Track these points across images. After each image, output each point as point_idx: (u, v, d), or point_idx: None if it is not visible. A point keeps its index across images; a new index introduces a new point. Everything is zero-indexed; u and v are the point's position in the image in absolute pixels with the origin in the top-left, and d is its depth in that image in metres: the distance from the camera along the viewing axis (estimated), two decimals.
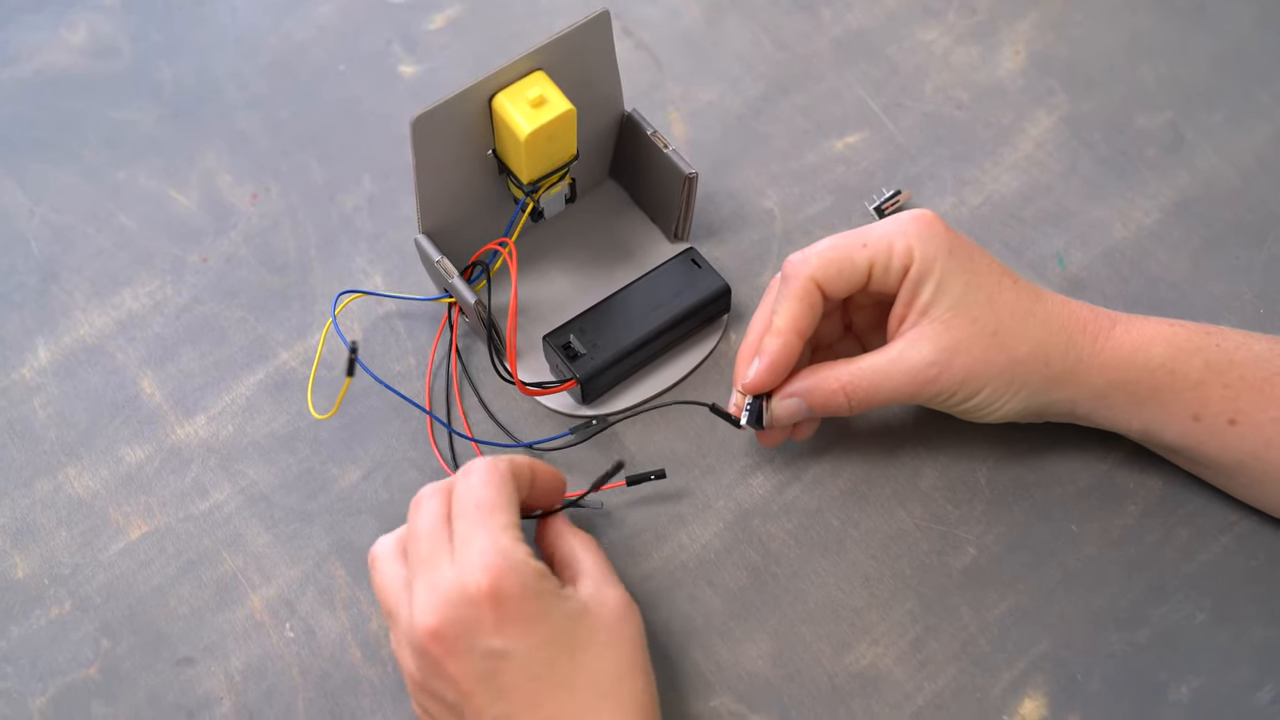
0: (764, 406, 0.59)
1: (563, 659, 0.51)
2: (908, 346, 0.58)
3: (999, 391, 0.58)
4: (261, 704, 0.59)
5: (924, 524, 0.63)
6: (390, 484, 0.64)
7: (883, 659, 0.60)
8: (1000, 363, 0.57)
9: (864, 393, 0.58)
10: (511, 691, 0.50)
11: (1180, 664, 0.59)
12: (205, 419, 0.66)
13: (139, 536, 0.63)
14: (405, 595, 0.52)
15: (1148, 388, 0.58)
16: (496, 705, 0.50)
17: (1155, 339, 0.58)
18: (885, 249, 0.58)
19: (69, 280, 0.70)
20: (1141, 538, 0.62)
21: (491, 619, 0.50)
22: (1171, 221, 0.72)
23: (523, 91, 0.59)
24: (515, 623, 0.50)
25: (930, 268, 0.57)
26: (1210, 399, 0.58)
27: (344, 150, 0.75)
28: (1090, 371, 0.58)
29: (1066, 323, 0.58)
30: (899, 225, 0.58)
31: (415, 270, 0.70)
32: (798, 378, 0.60)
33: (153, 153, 0.75)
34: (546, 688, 0.50)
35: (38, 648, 0.60)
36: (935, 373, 0.57)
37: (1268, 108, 0.75)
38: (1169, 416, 0.58)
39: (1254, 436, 0.57)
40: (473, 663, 0.50)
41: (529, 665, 0.50)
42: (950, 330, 0.57)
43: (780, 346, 0.58)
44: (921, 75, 0.77)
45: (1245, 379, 0.57)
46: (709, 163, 0.74)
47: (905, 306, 0.58)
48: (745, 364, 0.59)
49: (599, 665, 0.52)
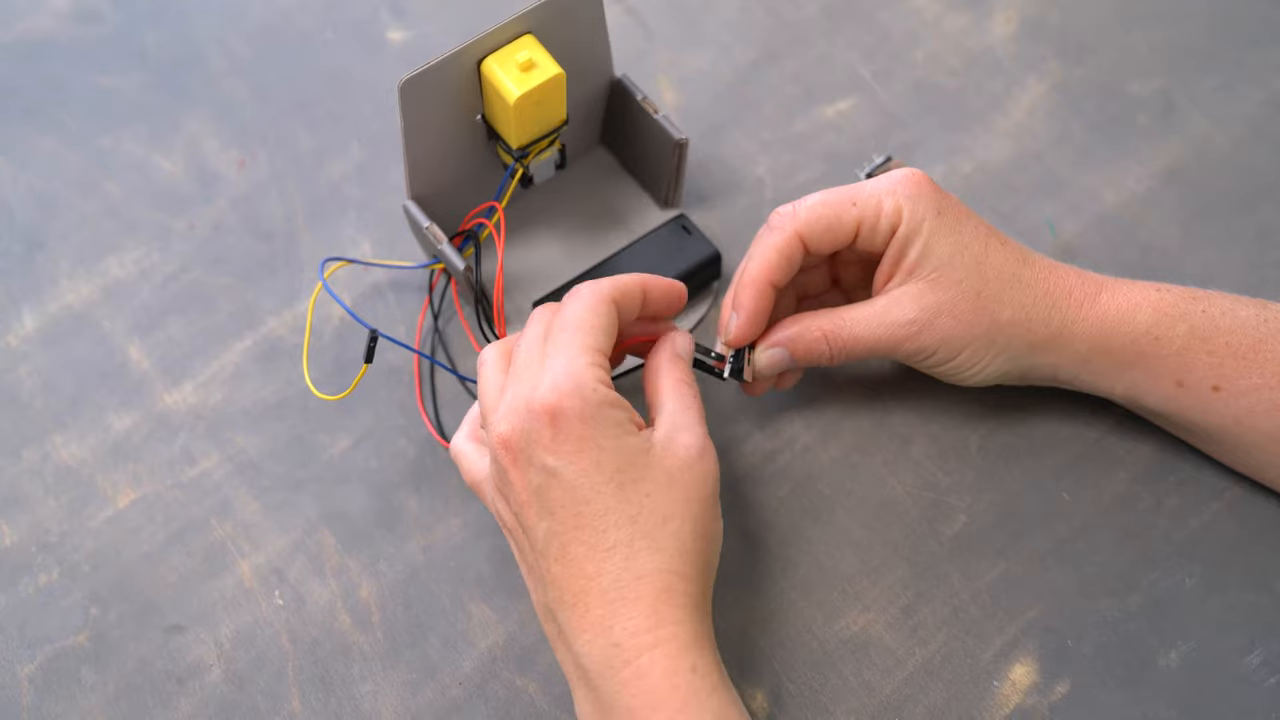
0: (746, 359, 0.59)
1: (608, 488, 0.51)
2: (891, 303, 0.58)
3: (979, 353, 0.58)
4: (251, 671, 0.59)
5: (915, 492, 0.63)
6: (380, 452, 0.64)
7: (873, 625, 0.60)
8: (982, 325, 0.58)
9: (845, 344, 0.59)
10: (558, 510, 0.52)
11: (1170, 630, 0.59)
12: (193, 386, 0.66)
13: (127, 504, 0.63)
14: (498, 401, 0.54)
15: (1131, 354, 0.58)
16: (544, 521, 0.52)
17: (1140, 305, 0.58)
18: (874, 208, 0.58)
19: (55, 248, 0.70)
20: (1132, 505, 0.62)
21: (549, 436, 0.51)
22: (1163, 189, 0.71)
23: (512, 55, 0.58)
24: (567, 443, 0.51)
25: (918, 228, 0.57)
26: (1194, 366, 0.58)
27: (332, 117, 0.74)
28: (1074, 337, 0.58)
29: (1052, 288, 0.58)
30: (889, 184, 0.58)
31: (404, 239, 0.70)
32: (780, 327, 0.60)
33: (138, 119, 0.74)
34: (589, 513, 0.51)
35: (26, 616, 0.60)
36: (916, 330, 0.58)
37: (1259, 75, 0.75)
38: (1152, 382, 0.59)
39: (1237, 403, 0.58)
40: (530, 475, 0.52)
41: (575, 488, 0.51)
42: (935, 290, 0.57)
43: (755, 298, 0.58)
44: (913, 42, 0.77)
45: (1230, 346, 0.57)
46: (699, 130, 0.73)
47: (892, 264, 0.58)
48: (727, 312, 0.59)
49: (645, 502, 0.52)
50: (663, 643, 0.51)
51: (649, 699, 0.50)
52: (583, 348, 0.53)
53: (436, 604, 0.60)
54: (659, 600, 0.51)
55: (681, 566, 0.52)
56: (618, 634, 0.51)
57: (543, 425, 0.51)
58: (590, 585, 0.51)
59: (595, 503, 0.51)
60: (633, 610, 0.51)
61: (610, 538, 0.51)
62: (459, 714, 0.58)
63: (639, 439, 0.53)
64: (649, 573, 0.51)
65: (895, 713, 0.58)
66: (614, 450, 0.52)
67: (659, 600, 0.51)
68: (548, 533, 0.52)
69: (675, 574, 0.52)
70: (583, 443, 0.51)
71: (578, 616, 0.52)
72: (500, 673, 0.59)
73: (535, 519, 0.52)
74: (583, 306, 0.54)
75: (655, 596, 0.51)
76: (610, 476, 0.51)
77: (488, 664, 0.59)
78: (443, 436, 0.64)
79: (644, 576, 0.51)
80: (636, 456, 0.52)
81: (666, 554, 0.52)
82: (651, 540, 0.52)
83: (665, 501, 0.52)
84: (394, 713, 0.58)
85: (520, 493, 0.53)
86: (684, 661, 0.51)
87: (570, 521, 0.52)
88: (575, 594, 0.52)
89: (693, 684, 0.50)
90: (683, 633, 0.51)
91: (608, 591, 0.51)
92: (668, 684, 0.50)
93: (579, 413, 0.51)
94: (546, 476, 0.52)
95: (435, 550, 0.62)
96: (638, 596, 0.51)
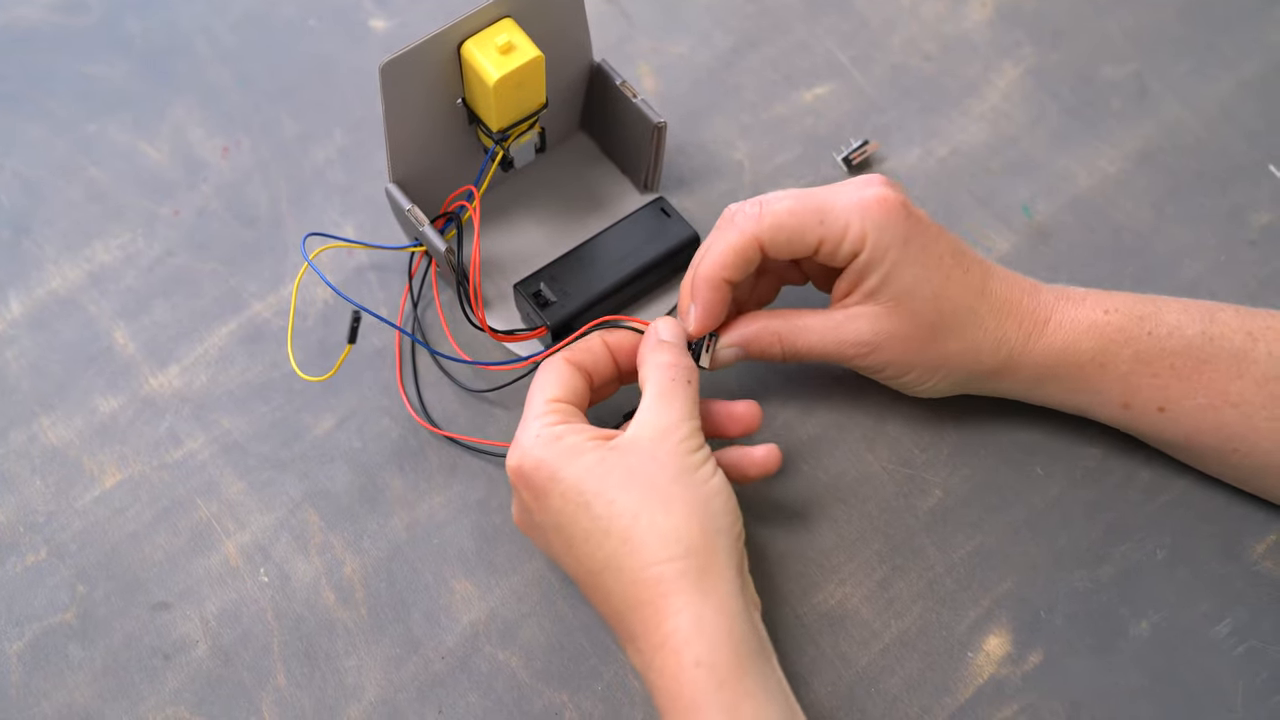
0: (705, 345, 0.60)
1: (581, 514, 0.53)
2: (847, 320, 0.59)
3: (926, 375, 0.60)
4: (237, 647, 0.60)
5: (891, 468, 0.64)
6: (363, 432, 0.65)
7: (850, 599, 0.61)
8: (931, 353, 0.59)
9: (797, 350, 0.60)
10: (563, 556, 0.55)
11: (1141, 600, 0.60)
12: (179, 369, 0.67)
13: (113, 485, 0.64)
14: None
15: (1077, 380, 0.59)
16: (565, 564, 0.56)
17: (1086, 332, 0.59)
18: (839, 230, 0.57)
19: (40, 233, 0.70)
20: (1103, 479, 0.63)
21: (527, 496, 0.55)
22: (1136, 171, 0.72)
23: (491, 38, 0.59)
24: (537, 499, 0.55)
25: (881, 257, 0.57)
26: (1139, 388, 0.59)
27: (315, 104, 0.75)
28: (1020, 367, 0.59)
29: (1004, 320, 0.59)
30: (860, 205, 0.57)
31: (387, 223, 0.71)
32: (738, 325, 0.60)
33: (123, 106, 0.75)
34: (576, 543, 0.54)
35: (13, 594, 0.61)
36: (867, 351, 0.59)
37: (1231, 59, 0.76)
38: (1099, 404, 0.60)
39: (1183, 422, 0.59)
40: (536, 536, 0.58)
41: (558, 528, 0.54)
42: (890, 317, 0.58)
43: (711, 293, 0.58)
44: (890, 28, 0.78)
45: (1174, 369, 0.58)
46: (679, 115, 0.74)
47: (850, 284, 0.59)
48: (686, 299, 0.60)
49: (613, 510, 0.53)
50: (665, 642, 0.51)
51: (667, 701, 0.51)
52: (534, 415, 0.56)
53: (419, 580, 0.61)
54: (655, 600, 0.51)
55: (668, 553, 0.52)
56: (639, 643, 0.52)
57: (519, 493, 0.56)
58: (607, 608, 0.54)
59: (576, 532, 0.53)
60: (636, 618, 0.52)
61: (598, 558, 0.53)
62: (442, 687, 0.59)
63: (595, 453, 0.54)
64: (638, 577, 0.52)
65: (872, 684, 0.59)
66: (572, 476, 0.54)
67: (655, 600, 0.51)
68: (573, 575, 0.56)
69: (663, 564, 0.52)
70: (542, 490, 0.54)
71: (618, 635, 0.55)
72: (483, 647, 0.60)
73: (562, 563, 0.57)
74: (540, 372, 0.58)
75: (649, 598, 0.51)
76: (575, 501, 0.53)
77: (470, 638, 0.60)
78: (424, 417, 0.65)
79: (637, 582, 0.52)
80: (594, 470, 0.53)
81: (649, 548, 0.52)
82: (629, 543, 0.52)
83: (631, 500, 0.53)
84: (378, 686, 0.59)
85: (544, 549, 0.58)
86: (687, 658, 0.50)
87: (573, 561, 0.55)
88: (606, 617, 0.55)
89: (696, 681, 0.50)
90: (683, 624, 0.51)
91: (617, 608, 0.53)
92: (676, 685, 0.51)
93: (532, 468, 0.54)
94: (538, 532, 0.57)
95: (418, 527, 0.62)
96: (638, 603, 0.52)
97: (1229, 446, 0.58)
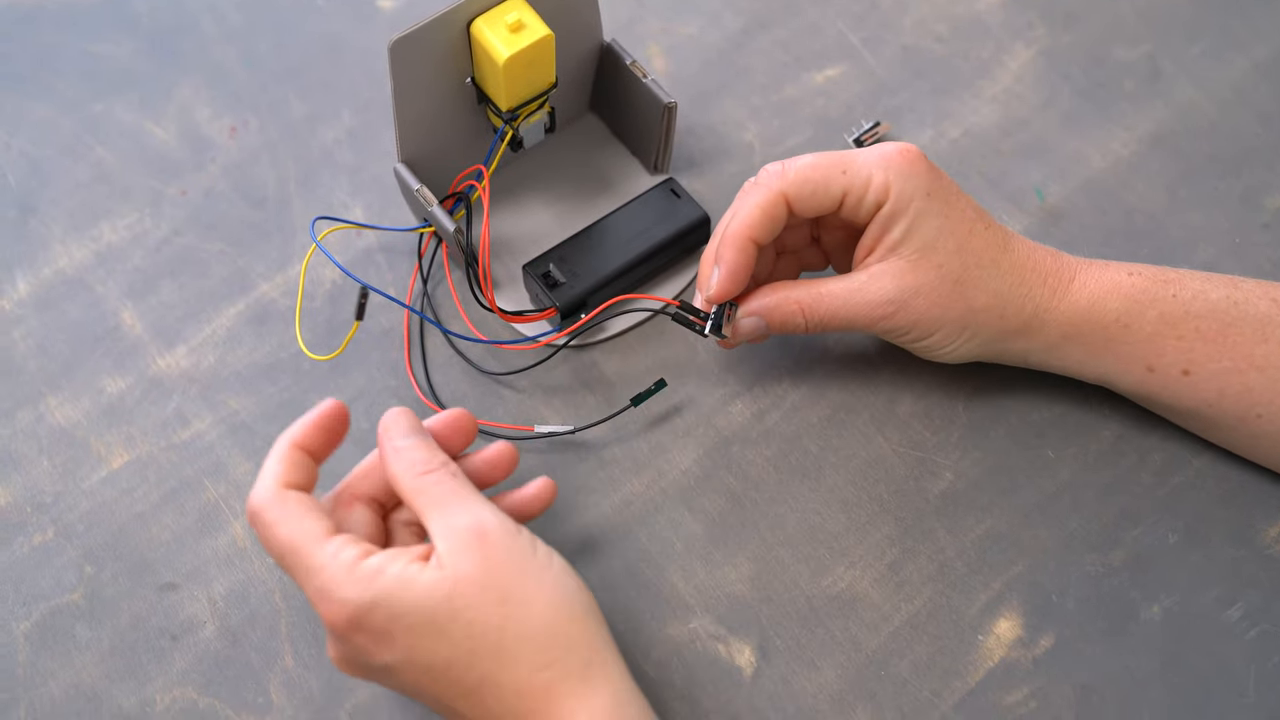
0: (725, 315, 0.60)
1: (437, 644, 0.49)
2: (870, 280, 0.58)
3: (951, 336, 0.59)
4: (245, 627, 0.60)
5: (902, 450, 0.63)
6: (371, 414, 0.65)
7: (860, 581, 0.60)
8: (957, 309, 0.58)
9: (821, 317, 0.59)
10: (421, 689, 0.51)
11: (1153, 584, 0.60)
12: (186, 350, 0.66)
13: (121, 465, 0.63)
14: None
15: (1102, 340, 0.59)
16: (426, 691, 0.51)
17: (1111, 292, 0.58)
18: (863, 181, 0.58)
19: (47, 213, 0.70)
20: (1116, 462, 0.63)
21: (365, 642, 0.50)
22: (1149, 153, 0.72)
23: (501, 16, 0.59)
24: (379, 641, 0.50)
25: (905, 207, 0.57)
26: (1164, 351, 0.58)
27: (323, 84, 0.75)
28: (1045, 325, 0.59)
29: (1027, 276, 0.59)
30: (883, 158, 0.58)
31: (395, 204, 0.70)
32: (758, 295, 0.60)
33: (129, 86, 0.74)
34: (437, 670, 0.50)
35: (21, 574, 0.61)
36: (892, 310, 0.58)
37: (1244, 41, 0.75)
38: (1123, 367, 0.59)
39: (1207, 386, 0.58)
40: (379, 678, 0.52)
41: (413, 663, 0.50)
42: (915, 272, 0.58)
43: (737, 254, 0.58)
44: (901, 8, 0.77)
45: (1199, 330, 0.58)
46: (689, 96, 0.74)
47: (874, 240, 0.58)
48: (708, 267, 0.60)
49: (472, 631, 0.49)
50: None
51: None
52: (307, 570, 0.51)
53: None
54: (544, 707, 0.49)
55: (546, 657, 0.49)
56: None
57: (350, 637, 0.51)
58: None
59: (436, 662, 0.49)
60: None
61: (469, 681, 0.49)
62: None
63: (427, 577, 0.49)
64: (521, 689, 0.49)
65: (881, 667, 0.59)
66: (416, 608, 0.49)
67: (544, 707, 0.49)
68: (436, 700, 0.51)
69: (545, 670, 0.49)
70: (386, 627, 0.50)
71: None
72: None
73: (421, 694, 0.52)
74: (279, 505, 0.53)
75: (538, 707, 0.49)
76: (428, 633, 0.49)
77: None
78: (431, 399, 0.64)
79: (521, 694, 0.49)
80: (434, 595, 0.49)
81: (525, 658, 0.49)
82: (501, 658, 0.49)
83: (489, 614, 0.49)
84: None
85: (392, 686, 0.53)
86: None
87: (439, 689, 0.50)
88: None
89: None
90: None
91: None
92: None
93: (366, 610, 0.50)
94: (381, 674, 0.52)
95: None
96: (527, 713, 0.49)
97: (1253, 412, 0.58)
